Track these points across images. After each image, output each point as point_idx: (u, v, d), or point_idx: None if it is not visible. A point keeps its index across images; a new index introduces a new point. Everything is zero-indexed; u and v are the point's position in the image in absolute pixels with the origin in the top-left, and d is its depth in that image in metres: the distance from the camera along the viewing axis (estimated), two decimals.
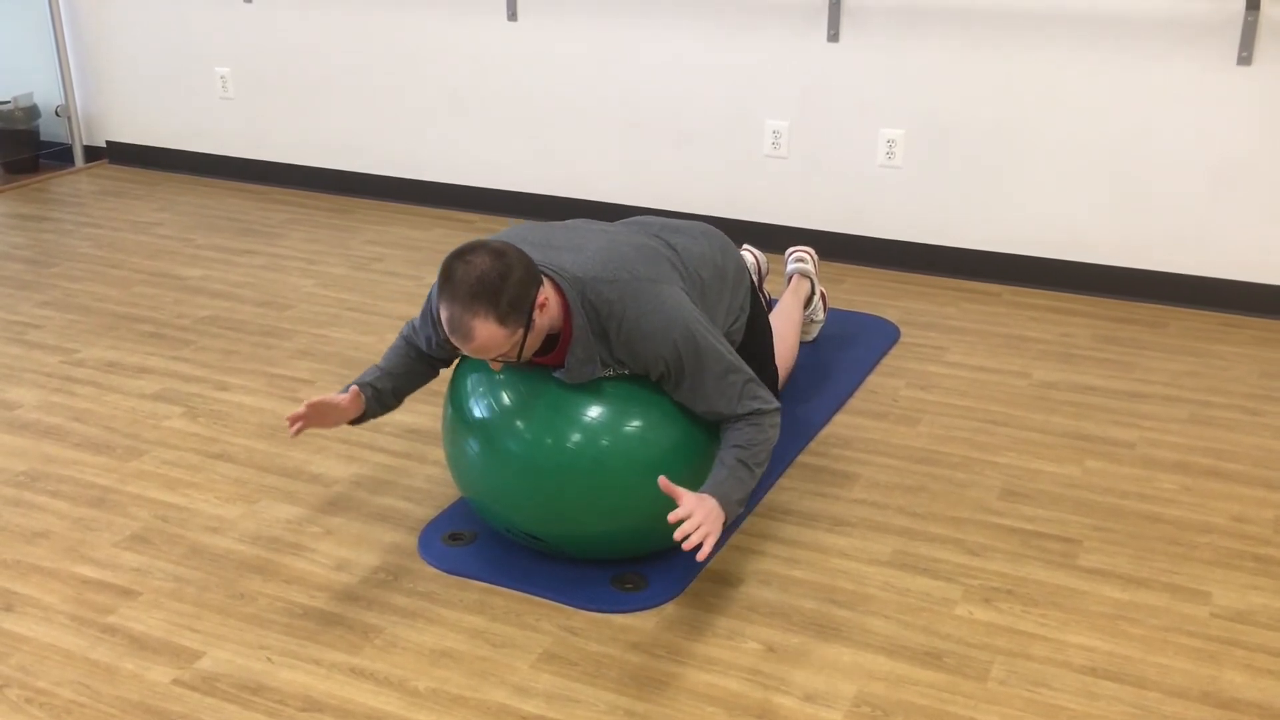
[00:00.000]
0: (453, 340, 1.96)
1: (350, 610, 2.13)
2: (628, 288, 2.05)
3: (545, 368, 2.12)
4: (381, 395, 2.27)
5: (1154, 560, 2.30)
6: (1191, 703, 1.91)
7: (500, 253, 1.93)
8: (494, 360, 2.01)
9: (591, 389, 2.13)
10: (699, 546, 1.93)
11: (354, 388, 2.21)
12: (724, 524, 2.00)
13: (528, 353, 2.01)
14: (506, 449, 2.14)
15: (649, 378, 2.13)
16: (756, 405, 2.12)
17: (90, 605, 2.14)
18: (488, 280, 1.90)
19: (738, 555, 2.31)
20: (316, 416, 2.15)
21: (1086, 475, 2.61)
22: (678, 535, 1.91)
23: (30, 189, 4.86)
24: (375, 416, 2.29)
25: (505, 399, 2.16)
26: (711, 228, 2.46)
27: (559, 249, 2.11)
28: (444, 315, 1.94)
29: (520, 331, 1.96)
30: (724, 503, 2.01)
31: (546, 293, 2.00)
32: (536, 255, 2.08)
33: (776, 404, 2.17)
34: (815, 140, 3.90)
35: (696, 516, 1.94)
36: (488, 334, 1.93)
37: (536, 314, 1.97)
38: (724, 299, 2.35)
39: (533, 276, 1.96)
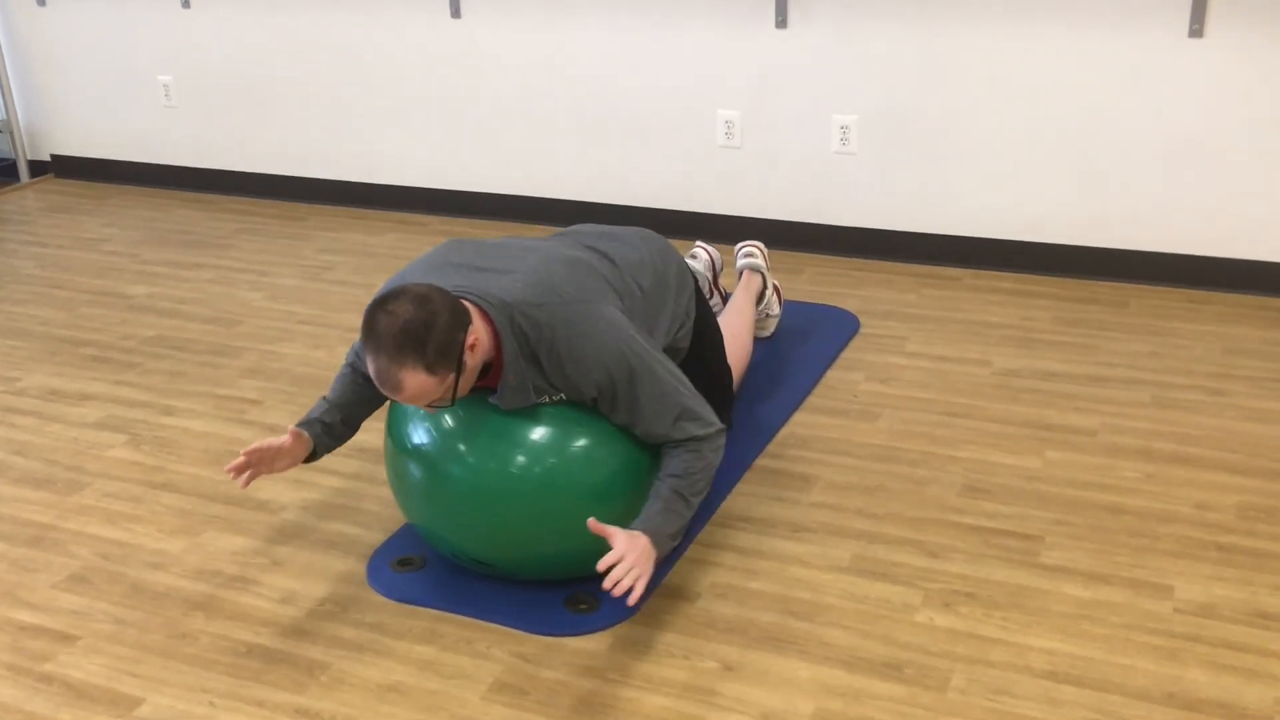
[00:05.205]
0: (383, 392, 1.90)
1: (296, 646, 2.08)
2: (556, 311, 1.99)
3: (484, 391, 2.07)
4: (332, 428, 2.18)
5: (1116, 554, 2.26)
6: (1154, 705, 1.88)
7: (424, 298, 1.86)
8: (429, 406, 1.94)
9: (534, 408, 2.08)
10: (630, 592, 1.89)
11: (294, 430, 2.12)
12: (657, 561, 1.96)
13: (463, 393, 1.95)
14: (450, 474, 2.09)
15: (584, 402, 2.07)
16: (695, 430, 2.07)
17: (27, 653, 2.08)
18: (412, 329, 1.83)
19: (694, 568, 2.26)
20: (261, 463, 2.07)
21: (1048, 467, 2.57)
22: (606, 584, 1.87)
23: None
24: (330, 450, 2.21)
25: (446, 422, 2.11)
26: (650, 232, 2.40)
27: (487, 272, 2.04)
28: (371, 368, 1.87)
29: (451, 376, 1.89)
30: (656, 539, 1.97)
31: (476, 329, 1.93)
32: (464, 279, 2.02)
33: (718, 426, 2.12)
34: (768, 129, 3.84)
35: (628, 559, 1.90)
36: (417, 384, 1.86)
37: (467, 356, 1.91)
38: (666, 306, 2.29)
39: (459, 320, 1.89)
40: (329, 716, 1.91)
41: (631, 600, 1.90)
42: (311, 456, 2.16)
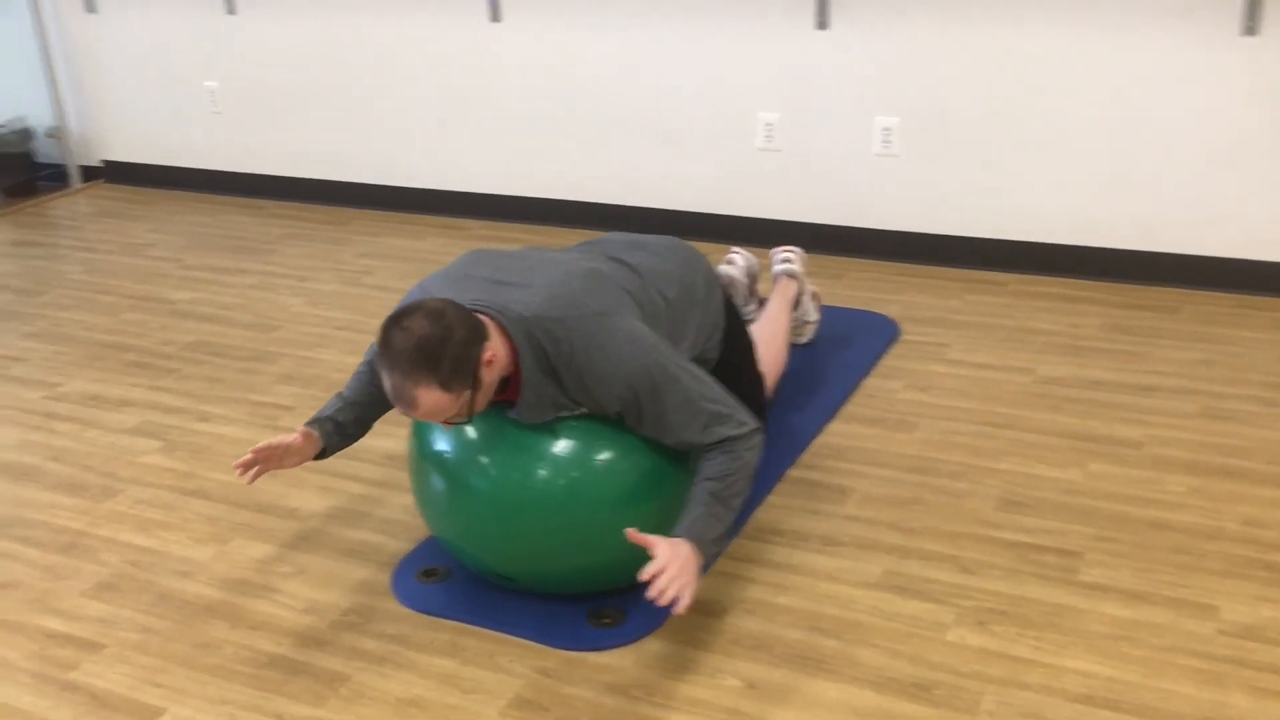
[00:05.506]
0: (398, 409, 1.88)
1: (317, 657, 2.06)
2: (576, 325, 1.95)
3: (505, 405, 2.04)
4: (344, 428, 2.19)
5: (1159, 572, 2.18)
6: None
7: (439, 314, 1.84)
8: (446, 422, 1.92)
9: (556, 420, 2.05)
10: (675, 601, 1.84)
11: (305, 429, 2.12)
12: (701, 568, 1.91)
13: (479, 409, 1.93)
14: (472, 487, 2.06)
15: (604, 414, 2.04)
16: (728, 431, 2.01)
17: (53, 661, 2.09)
18: (427, 346, 1.81)
19: (722, 582, 2.22)
20: (270, 461, 2.07)
21: (1090, 480, 2.49)
22: (651, 593, 1.82)
23: (27, 213, 4.84)
24: (340, 449, 2.21)
25: (469, 435, 2.08)
26: (678, 241, 2.36)
27: (507, 285, 2.01)
28: (386, 384, 1.86)
29: (467, 393, 1.87)
30: (699, 545, 1.91)
31: (493, 345, 1.91)
32: (483, 293, 1.99)
33: (753, 425, 2.06)
34: (809, 132, 3.78)
35: (670, 569, 1.84)
36: (433, 401, 1.84)
37: (483, 372, 1.88)
38: (693, 317, 2.25)
39: (475, 335, 1.86)
40: None
41: (680, 609, 1.83)
42: (320, 454, 2.16)
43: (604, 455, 2.05)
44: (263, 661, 2.06)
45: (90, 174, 5.21)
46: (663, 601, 1.82)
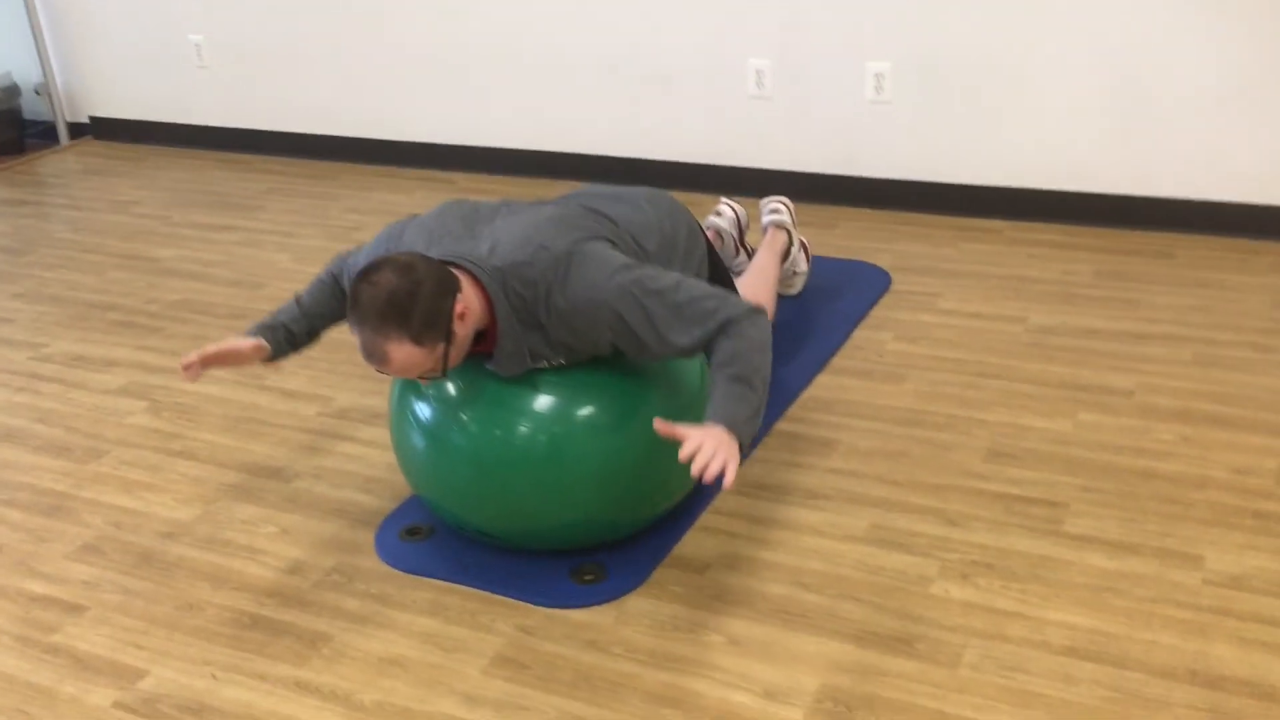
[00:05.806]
0: (370, 365, 1.85)
1: (300, 618, 2.06)
2: (548, 267, 1.92)
3: (483, 358, 2.02)
4: (295, 338, 2.21)
5: (1145, 522, 2.17)
6: (1177, 683, 1.80)
7: (408, 267, 1.81)
8: (420, 377, 1.90)
9: (537, 375, 2.03)
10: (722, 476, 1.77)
11: (257, 341, 2.14)
12: (742, 446, 1.84)
13: (454, 363, 1.90)
14: (454, 444, 2.05)
15: (601, 354, 2.01)
16: (724, 315, 1.92)
17: (36, 624, 2.09)
18: (396, 300, 1.79)
19: (705, 537, 2.21)
20: (217, 364, 2.13)
21: (1079, 430, 2.47)
22: (695, 470, 1.75)
23: (15, 170, 4.79)
24: (287, 356, 2.22)
25: (450, 391, 2.06)
26: (658, 192, 2.32)
27: (479, 237, 1.98)
28: (358, 341, 1.84)
29: (440, 347, 1.84)
30: (731, 425, 1.83)
31: (466, 297, 1.88)
32: (455, 244, 1.96)
33: (746, 306, 1.95)
34: (800, 78, 3.72)
35: (707, 446, 1.77)
36: (404, 356, 1.82)
37: (456, 325, 1.86)
38: (673, 268, 2.22)
39: (446, 288, 1.83)
40: (328, 690, 1.89)
41: (728, 482, 1.76)
42: (269, 359, 2.19)
43: (585, 410, 2.03)
44: (245, 622, 2.06)
45: (78, 130, 5.15)
46: (709, 476, 1.76)
